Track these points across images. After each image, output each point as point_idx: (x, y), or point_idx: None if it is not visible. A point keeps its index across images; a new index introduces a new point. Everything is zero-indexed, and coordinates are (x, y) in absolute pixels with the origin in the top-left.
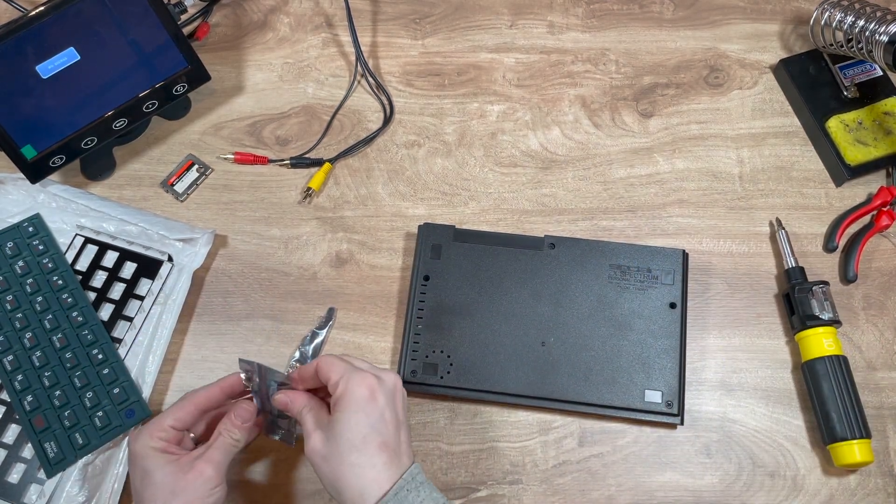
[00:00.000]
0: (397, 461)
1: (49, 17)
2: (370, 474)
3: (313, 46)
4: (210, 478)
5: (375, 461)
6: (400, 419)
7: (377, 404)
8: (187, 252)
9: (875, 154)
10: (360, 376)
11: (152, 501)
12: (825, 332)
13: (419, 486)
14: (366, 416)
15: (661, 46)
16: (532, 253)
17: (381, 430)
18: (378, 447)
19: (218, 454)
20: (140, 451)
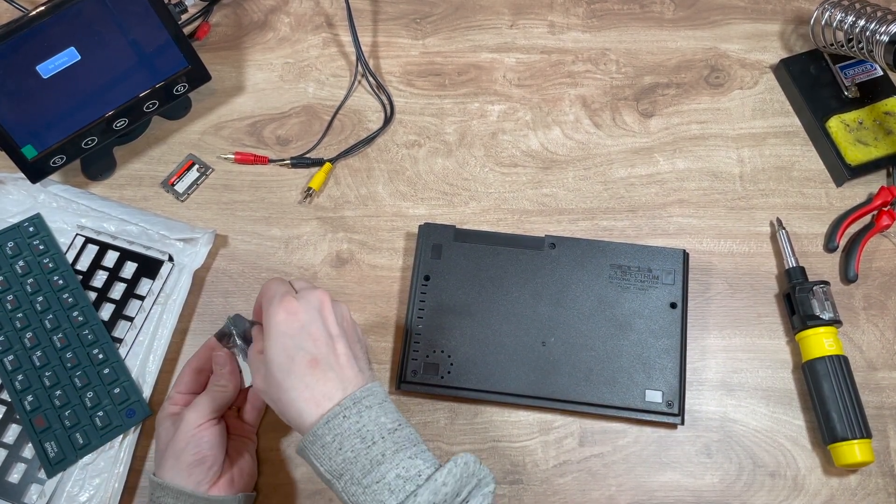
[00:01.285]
0: (335, 377)
1: (49, 17)
2: (305, 395)
3: (314, 46)
4: (191, 420)
5: (307, 380)
6: (332, 333)
7: (299, 322)
8: (188, 252)
9: (875, 154)
10: (279, 301)
11: (159, 458)
12: (826, 331)
13: (363, 411)
14: (288, 336)
15: (661, 46)
16: (532, 253)
17: (308, 346)
18: (307, 365)
19: (203, 400)
20: (157, 423)
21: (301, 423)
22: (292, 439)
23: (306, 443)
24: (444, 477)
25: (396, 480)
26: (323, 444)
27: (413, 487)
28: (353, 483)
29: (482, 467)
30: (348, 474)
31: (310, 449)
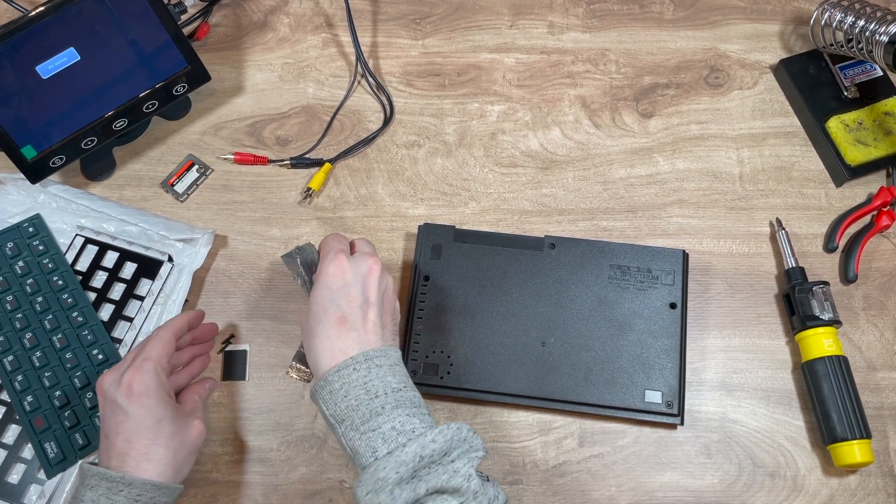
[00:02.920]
0: (357, 337)
1: (49, 17)
2: (325, 345)
3: (313, 46)
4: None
5: (331, 333)
6: (370, 300)
7: (344, 281)
8: (187, 252)
9: (875, 154)
10: (334, 255)
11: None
12: (825, 332)
13: (373, 368)
14: (330, 291)
15: (661, 47)
16: (532, 253)
17: (342, 304)
18: (336, 320)
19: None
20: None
21: (317, 369)
22: (292, 439)
23: (317, 387)
24: (434, 435)
25: (391, 432)
26: (331, 390)
27: (404, 440)
28: (352, 429)
29: (475, 436)
30: (349, 420)
31: (319, 393)
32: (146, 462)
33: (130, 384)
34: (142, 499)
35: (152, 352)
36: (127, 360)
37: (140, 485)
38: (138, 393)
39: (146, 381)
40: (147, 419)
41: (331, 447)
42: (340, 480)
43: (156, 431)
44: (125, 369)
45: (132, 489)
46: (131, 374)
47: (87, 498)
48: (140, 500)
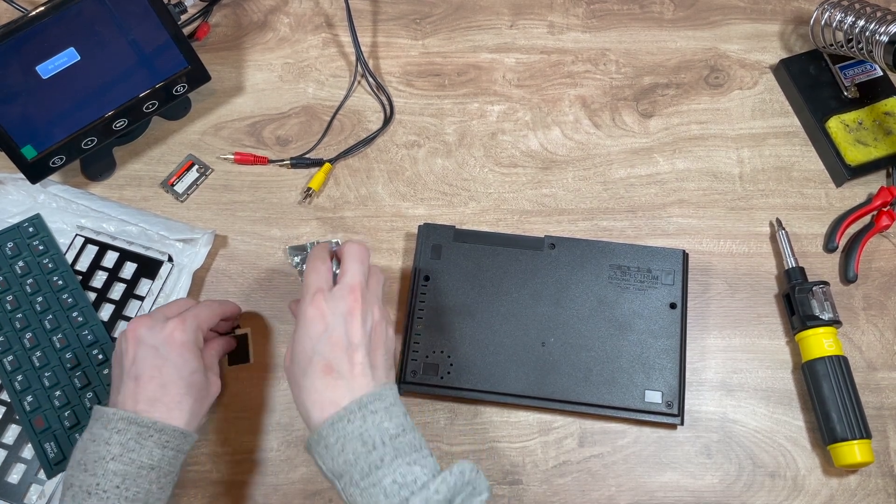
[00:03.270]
0: (346, 385)
1: (49, 17)
2: (314, 397)
3: (313, 46)
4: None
5: (318, 384)
6: (353, 341)
7: (324, 325)
8: (187, 252)
9: (875, 154)
10: (313, 299)
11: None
12: (825, 332)
13: (367, 416)
14: (311, 338)
15: (661, 46)
16: (532, 253)
17: (326, 352)
18: (322, 369)
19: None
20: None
21: (309, 421)
22: (292, 439)
23: (311, 442)
24: (437, 485)
25: (392, 486)
26: (326, 445)
27: (407, 494)
28: (352, 485)
29: (479, 476)
30: (348, 476)
31: (314, 448)
32: (177, 410)
33: (173, 334)
34: (170, 444)
35: (201, 315)
36: (164, 313)
37: (171, 431)
38: (180, 343)
39: (189, 335)
40: (184, 369)
41: None
42: None
43: (189, 382)
44: (167, 320)
45: (163, 435)
46: (176, 324)
47: (114, 441)
48: (168, 445)
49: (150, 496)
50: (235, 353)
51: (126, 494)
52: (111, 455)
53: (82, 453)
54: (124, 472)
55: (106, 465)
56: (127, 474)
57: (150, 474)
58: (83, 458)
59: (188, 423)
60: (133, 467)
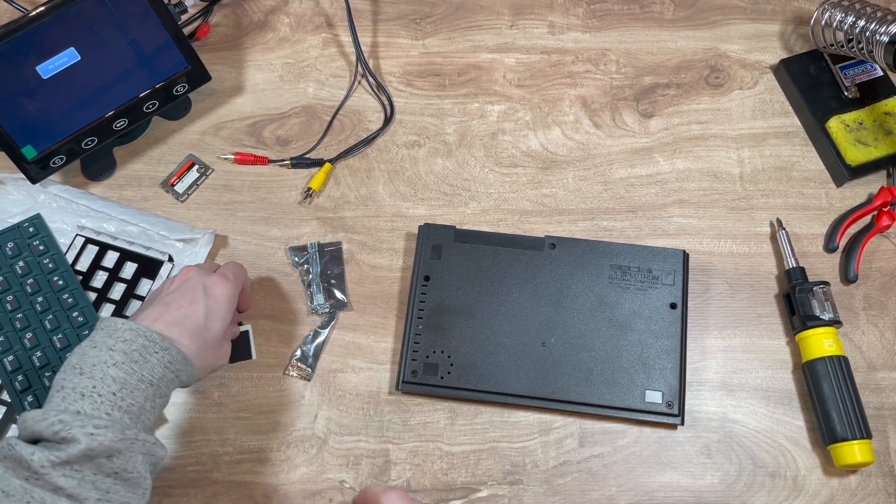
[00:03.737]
0: None
1: (49, 17)
2: None
3: (314, 46)
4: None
5: None
6: None
7: None
8: (188, 252)
9: (875, 154)
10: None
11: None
12: (826, 332)
13: None
14: None
15: (661, 46)
16: (532, 253)
17: None
18: None
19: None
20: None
21: None
22: (292, 439)
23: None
24: None
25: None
26: None
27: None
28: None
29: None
30: None
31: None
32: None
33: (214, 286)
34: (171, 367)
35: (240, 278)
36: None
37: (175, 353)
38: (215, 296)
39: (226, 292)
40: (212, 316)
41: (331, 447)
42: (340, 480)
43: (205, 329)
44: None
45: (167, 354)
46: (218, 279)
47: (118, 349)
48: (170, 367)
49: (142, 412)
50: (238, 350)
51: (121, 404)
52: (112, 361)
53: (79, 358)
54: (123, 381)
55: (106, 369)
56: (126, 383)
57: (147, 389)
58: (79, 363)
59: (194, 358)
60: (133, 378)
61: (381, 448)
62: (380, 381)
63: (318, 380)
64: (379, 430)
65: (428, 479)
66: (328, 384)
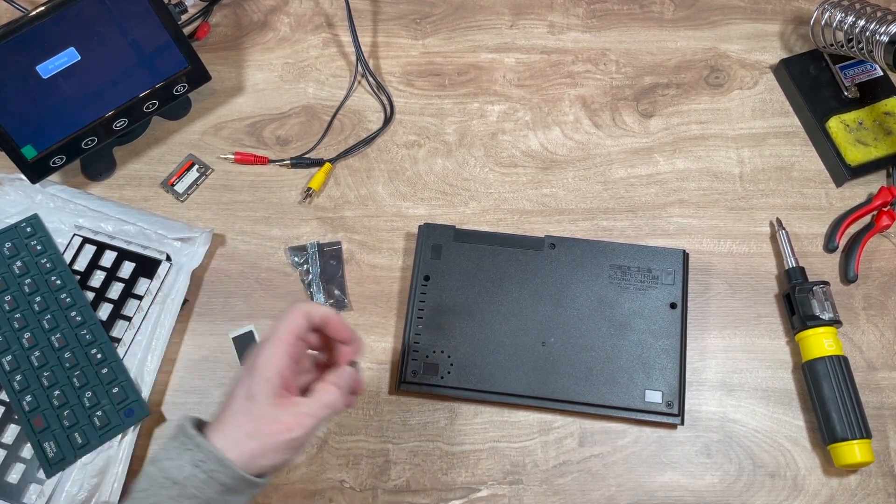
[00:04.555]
0: None
1: (49, 17)
2: None
3: (313, 46)
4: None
5: None
6: None
7: None
8: (185, 251)
9: (875, 154)
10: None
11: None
12: (826, 332)
13: None
14: None
15: (661, 46)
16: (532, 253)
17: None
18: None
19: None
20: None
21: None
22: None
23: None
24: None
25: None
26: None
27: None
28: None
29: None
30: None
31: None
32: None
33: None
34: (202, 466)
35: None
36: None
37: (207, 451)
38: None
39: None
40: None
41: (331, 447)
42: (340, 480)
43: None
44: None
45: (198, 453)
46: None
47: (165, 445)
48: (201, 466)
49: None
50: (242, 354)
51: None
52: (153, 457)
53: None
54: (152, 477)
55: (147, 466)
56: (154, 480)
57: (171, 489)
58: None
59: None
60: (160, 476)
61: (380, 448)
62: (380, 381)
63: None
64: (379, 430)
65: (428, 478)
66: None
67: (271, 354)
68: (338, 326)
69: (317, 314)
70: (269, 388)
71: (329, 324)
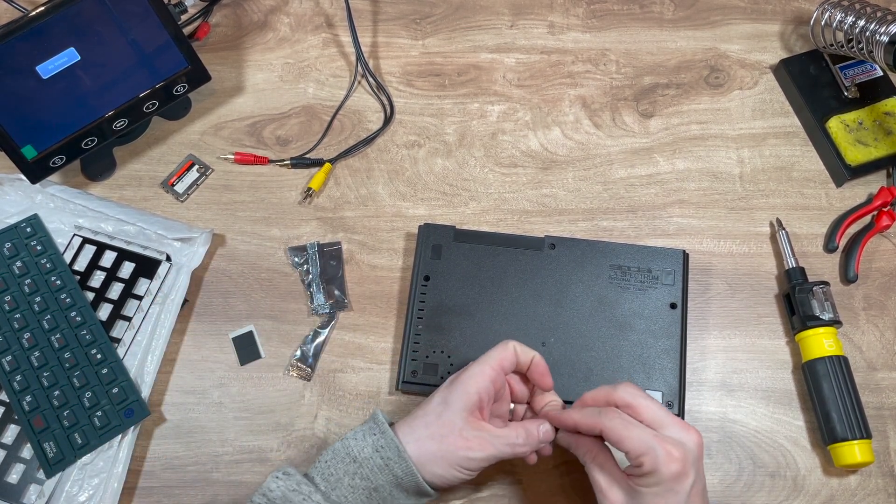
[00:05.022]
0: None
1: (49, 17)
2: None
3: (313, 46)
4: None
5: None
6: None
7: (687, 482)
8: (185, 252)
9: (875, 154)
10: (667, 451)
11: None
12: (826, 332)
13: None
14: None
15: (661, 47)
16: (532, 253)
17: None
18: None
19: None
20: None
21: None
22: (292, 439)
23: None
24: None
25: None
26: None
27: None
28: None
29: None
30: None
31: None
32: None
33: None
34: (381, 452)
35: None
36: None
37: (390, 440)
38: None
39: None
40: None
41: None
42: None
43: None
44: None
45: (381, 438)
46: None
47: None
48: (380, 452)
49: (339, 484)
50: (246, 352)
51: (325, 472)
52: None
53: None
54: (336, 452)
55: (336, 442)
56: (337, 453)
57: (350, 465)
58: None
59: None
60: (343, 451)
61: None
62: (380, 381)
63: (318, 380)
64: None
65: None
66: (328, 384)
67: (477, 374)
68: (543, 371)
69: (527, 354)
70: (467, 401)
71: (536, 366)
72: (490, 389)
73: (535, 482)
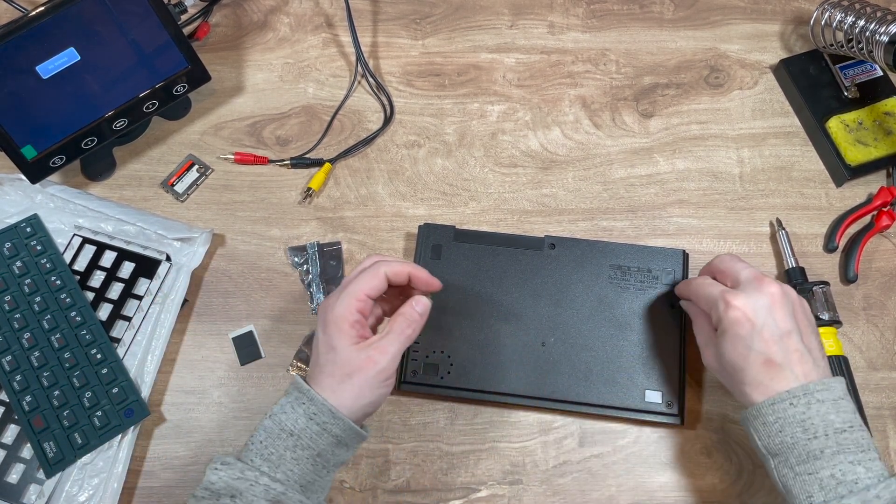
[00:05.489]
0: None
1: (49, 17)
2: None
3: (313, 46)
4: (383, 369)
5: (760, 377)
6: (784, 329)
7: (750, 324)
8: (185, 252)
9: (875, 154)
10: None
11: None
12: (826, 332)
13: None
14: (741, 339)
15: (661, 46)
16: (532, 253)
17: (760, 348)
18: (761, 364)
19: (392, 346)
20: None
21: (745, 400)
22: None
23: (748, 415)
24: (879, 490)
25: (829, 480)
26: (764, 423)
27: (844, 492)
28: (786, 466)
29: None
30: (782, 456)
31: (751, 422)
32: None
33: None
34: (316, 418)
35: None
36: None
37: (319, 404)
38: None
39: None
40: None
41: None
42: (341, 480)
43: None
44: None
45: (311, 406)
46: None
47: (280, 401)
48: (314, 419)
49: (282, 461)
50: (247, 352)
51: (263, 452)
52: (270, 412)
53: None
54: (269, 430)
55: (264, 420)
56: (270, 432)
57: (287, 440)
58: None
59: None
60: (276, 428)
61: (380, 448)
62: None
63: None
64: (379, 430)
65: (428, 479)
66: None
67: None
68: (426, 280)
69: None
70: (348, 337)
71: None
72: (361, 318)
73: (535, 482)
